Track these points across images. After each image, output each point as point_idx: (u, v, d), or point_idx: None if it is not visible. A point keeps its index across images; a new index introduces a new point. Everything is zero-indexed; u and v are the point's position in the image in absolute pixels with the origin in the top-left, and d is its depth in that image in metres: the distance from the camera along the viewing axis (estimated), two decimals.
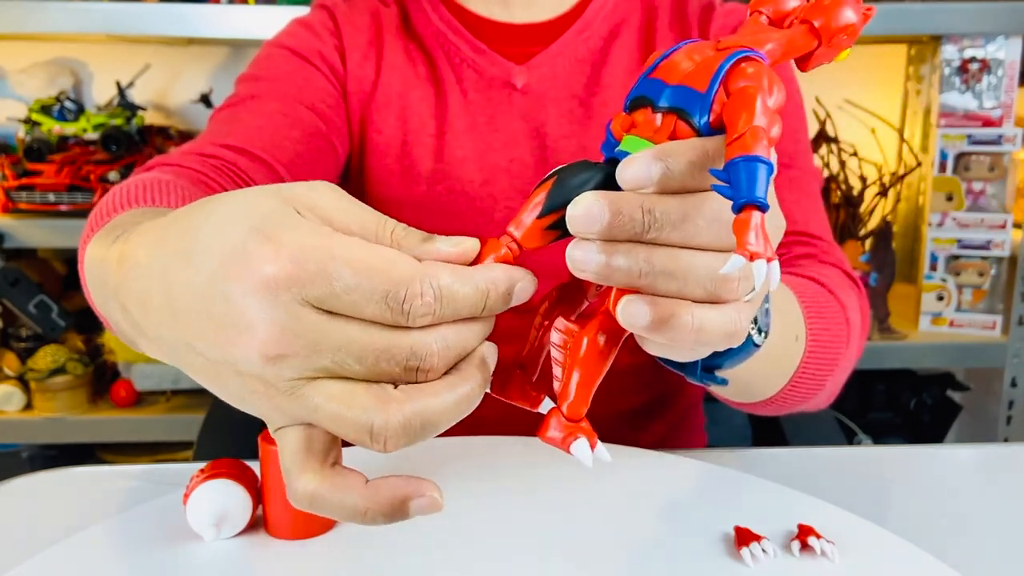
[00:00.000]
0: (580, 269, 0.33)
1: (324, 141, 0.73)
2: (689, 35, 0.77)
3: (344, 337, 0.30)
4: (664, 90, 0.35)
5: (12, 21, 1.40)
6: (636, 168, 0.33)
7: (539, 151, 0.75)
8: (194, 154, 0.66)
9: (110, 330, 0.55)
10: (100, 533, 0.49)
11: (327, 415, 0.31)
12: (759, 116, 0.31)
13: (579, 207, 0.33)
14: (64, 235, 1.47)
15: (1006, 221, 1.49)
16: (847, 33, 0.36)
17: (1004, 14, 1.43)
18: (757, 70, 0.33)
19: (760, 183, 0.30)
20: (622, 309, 0.33)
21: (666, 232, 0.33)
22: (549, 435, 0.36)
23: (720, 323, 0.34)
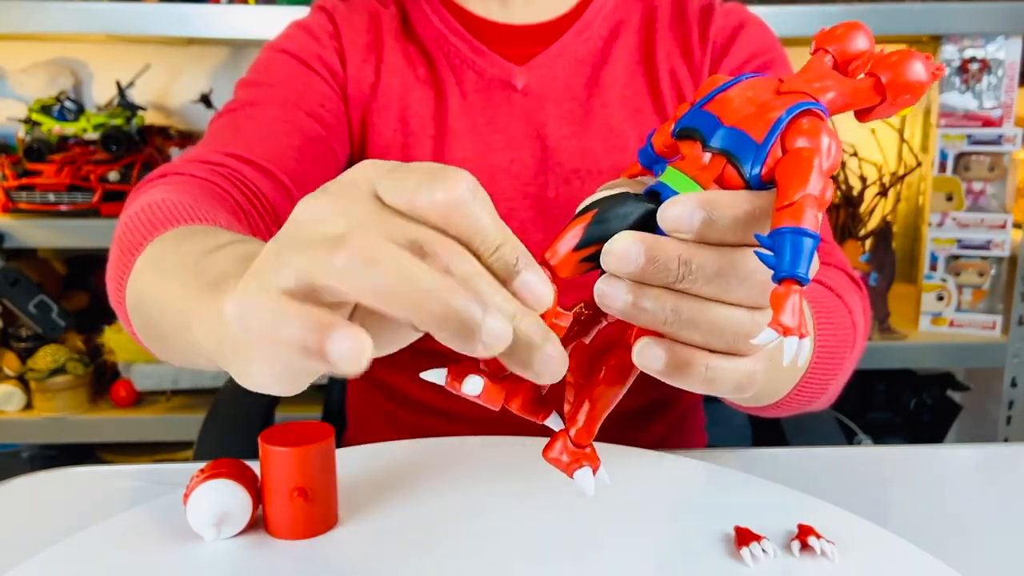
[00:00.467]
0: (607, 305, 0.34)
1: (324, 146, 0.73)
2: (689, 36, 0.76)
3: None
4: (718, 129, 0.34)
5: (12, 21, 1.40)
6: (679, 212, 0.33)
7: (539, 152, 0.75)
8: (200, 162, 0.65)
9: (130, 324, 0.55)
10: (100, 533, 0.49)
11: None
12: (813, 183, 0.31)
13: (616, 246, 0.33)
14: (64, 235, 1.47)
15: (1006, 221, 1.49)
16: (912, 92, 0.35)
17: (1004, 14, 1.43)
18: (815, 127, 0.32)
19: (804, 257, 0.30)
20: (639, 351, 0.34)
21: (699, 285, 0.33)
22: (552, 456, 0.36)
23: (733, 375, 0.34)
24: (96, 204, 1.46)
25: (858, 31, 0.36)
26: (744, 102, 0.34)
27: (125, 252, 0.55)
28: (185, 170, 0.64)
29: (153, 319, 0.50)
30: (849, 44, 0.36)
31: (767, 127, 0.32)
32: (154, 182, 0.63)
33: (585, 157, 0.74)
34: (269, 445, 0.47)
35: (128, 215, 0.57)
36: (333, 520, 0.50)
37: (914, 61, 0.35)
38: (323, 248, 0.29)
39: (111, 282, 0.57)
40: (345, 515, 0.51)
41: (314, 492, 0.47)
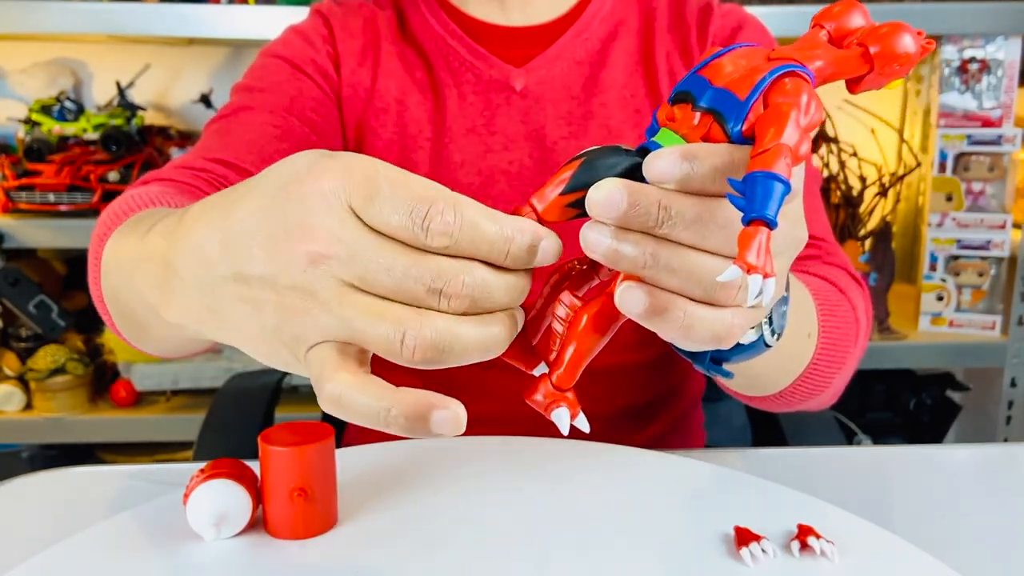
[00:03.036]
0: (591, 250, 0.35)
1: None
2: (688, 37, 0.77)
3: (377, 248, 0.33)
4: (707, 90, 0.35)
5: (12, 21, 1.40)
6: (662, 164, 0.34)
7: (538, 153, 0.75)
8: (185, 168, 0.67)
9: (112, 326, 0.56)
10: (100, 533, 0.49)
11: (361, 325, 0.33)
12: (788, 134, 0.32)
13: (600, 191, 0.34)
14: (64, 235, 1.47)
15: (1006, 221, 1.49)
16: (901, 63, 0.36)
17: (1004, 14, 1.43)
18: (797, 86, 0.34)
19: (773, 201, 0.30)
20: (619, 294, 0.35)
21: (678, 230, 0.34)
22: (535, 398, 0.37)
23: (710, 324, 0.35)
24: (96, 204, 1.46)
25: (855, 9, 0.37)
26: (735, 67, 0.35)
27: (94, 248, 0.57)
28: (168, 175, 0.66)
29: (128, 311, 0.51)
30: (845, 21, 0.37)
31: (751, 86, 0.34)
32: (140, 186, 0.64)
33: None
34: (269, 445, 0.47)
35: (105, 214, 0.59)
36: (333, 520, 0.50)
37: (903, 33, 0.36)
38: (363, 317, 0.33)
39: (90, 279, 0.59)
40: (345, 515, 0.51)
41: (314, 492, 0.48)
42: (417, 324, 0.32)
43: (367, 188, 0.33)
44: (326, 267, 0.33)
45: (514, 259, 0.34)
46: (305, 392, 1.59)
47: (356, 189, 0.33)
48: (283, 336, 0.34)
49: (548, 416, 0.37)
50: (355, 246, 0.33)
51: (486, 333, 0.34)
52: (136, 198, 0.58)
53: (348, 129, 0.77)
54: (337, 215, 0.33)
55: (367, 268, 0.33)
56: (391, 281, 0.33)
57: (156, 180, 0.65)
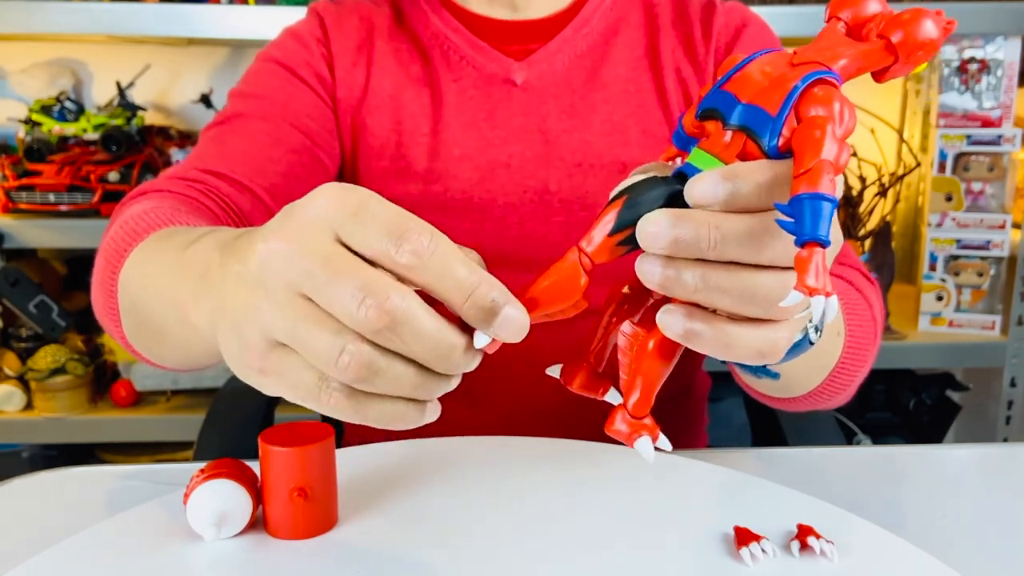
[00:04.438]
0: (647, 281, 0.35)
1: (309, 156, 0.74)
2: (692, 33, 0.77)
3: (347, 262, 0.34)
4: (736, 107, 0.35)
5: (12, 21, 1.40)
6: (704, 187, 0.34)
7: (540, 146, 0.75)
8: (177, 179, 0.67)
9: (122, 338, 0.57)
10: (100, 533, 0.49)
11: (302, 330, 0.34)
12: (827, 148, 0.32)
13: (650, 224, 0.34)
14: (64, 235, 1.47)
15: (1005, 221, 1.49)
16: (925, 49, 0.35)
17: (1004, 14, 1.43)
18: (828, 94, 0.33)
19: (823, 221, 0.31)
20: (660, 319, 0.36)
21: (731, 249, 0.34)
22: (615, 428, 0.38)
23: (752, 342, 0.36)
24: (96, 204, 1.46)
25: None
26: (760, 77, 0.35)
27: (110, 261, 0.58)
28: (163, 187, 0.66)
29: (150, 320, 0.52)
30: (861, 8, 0.37)
31: (781, 100, 0.34)
32: (135, 199, 0.66)
33: (587, 150, 0.75)
34: (269, 445, 0.47)
35: (111, 230, 0.60)
36: (333, 520, 0.50)
37: (924, 19, 0.35)
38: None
39: (99, 292, 0.59)
40: (345, 515, 0.51)
41: (314, 492, 0.48)
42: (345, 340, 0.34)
43: (356, 212, 0.34)
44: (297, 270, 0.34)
45: (473, 308, 0.34)
46: None
47: (347, 212, 0.34)
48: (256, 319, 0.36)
49: (631, 446, 0.38)
50: (328, 258, 0.34)
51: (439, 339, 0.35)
52: (147, 216, 0.59)
53: (344, 131, 0.77)
54: (323, 236, 0.34)
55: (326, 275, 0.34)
56: (347, 293, 0.33)
57: (154, 192, 0.66)
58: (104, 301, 0.59)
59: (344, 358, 0.34)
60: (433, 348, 0.34)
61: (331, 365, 0.34)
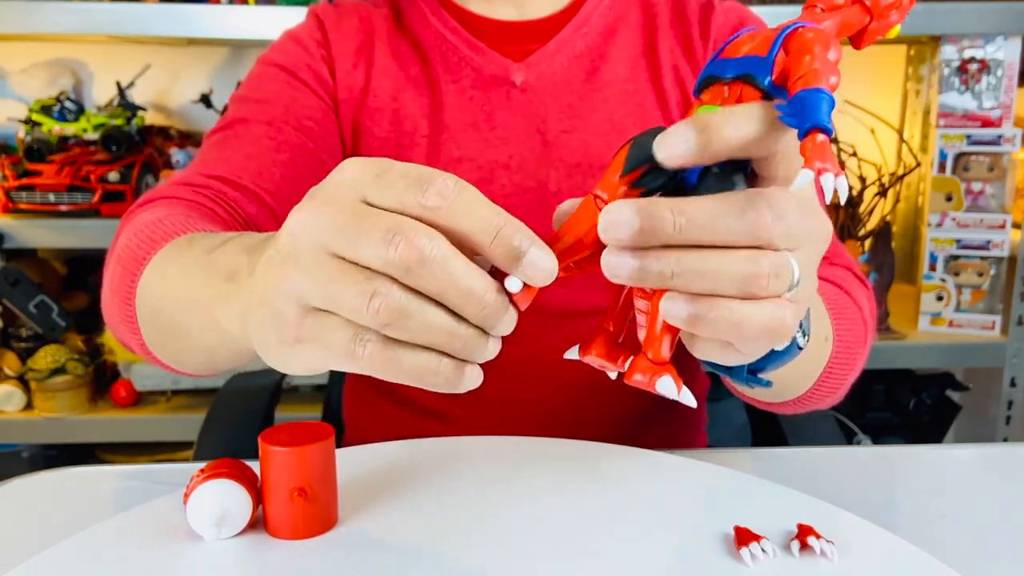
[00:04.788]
0: (614, 274, 0.35)
1: (313, 159, 0.74)
2: (690, 34, 0.77)
3: (374, 212, 0.34)
4: (728, 64, 0.37)
5: (12, 21, 1.40)
6: (672, 138, 0.35)
7: (540, 147, 0.75)
8: (184, 185, 0.67)
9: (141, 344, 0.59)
10: (100, 533, 0.49)
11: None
12: (819, 57, 0.33)
13: (610, 215, 0.34)
14: (64, 235, 1.47)
15: (1005, 221, 1.49)
16: (897, 8, 0.38)
17: (1004, 14, 1.43)
18: (816, 32, 0.35)
19: (823, 109, 0.32)
20: (663, 306, 0.35)
21: (696, 233, 0.34)
22: (635, 378, 0.38)
23: (760, 319, 0.35)
24: (96, 204, 1.46)
25: None
26: (749, 40, 0.37)
27: (128, 269, 0.57)
28: (170, 193, 0.66)
29: (173, 326, 0.52)
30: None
31: (771, 44, 0.36)
32: (144, 207, 0.65)
33: (586, 151, 0.75)
34: (269, 445, 0.47)
35: (125, 237, 0.60)
36: (333, 520, 0.50)
37: None
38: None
39: (115, 299, 0.59)
40: (345, 515, 0.51)
41: (314, 492, 0.48)
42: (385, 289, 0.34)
43: (382, 172, 0.35)
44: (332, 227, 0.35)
45: (501, 246, 0.35)
46: (305, 392, 1.60)
47: (374, 174, 0.35)
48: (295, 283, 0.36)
49: (653, 388, 0.37)
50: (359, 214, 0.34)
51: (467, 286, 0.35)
52: (162, 224, 0.59)
53: (345, 133, 0.77)
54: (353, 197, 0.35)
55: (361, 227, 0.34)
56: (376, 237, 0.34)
57: (161, 199, 0.66)
58: (120, 309, 0.58)
59: (375, 302, 0.34)
60: (465, 289, 0.34)
61: (363, 311, 0.34)
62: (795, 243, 0.36)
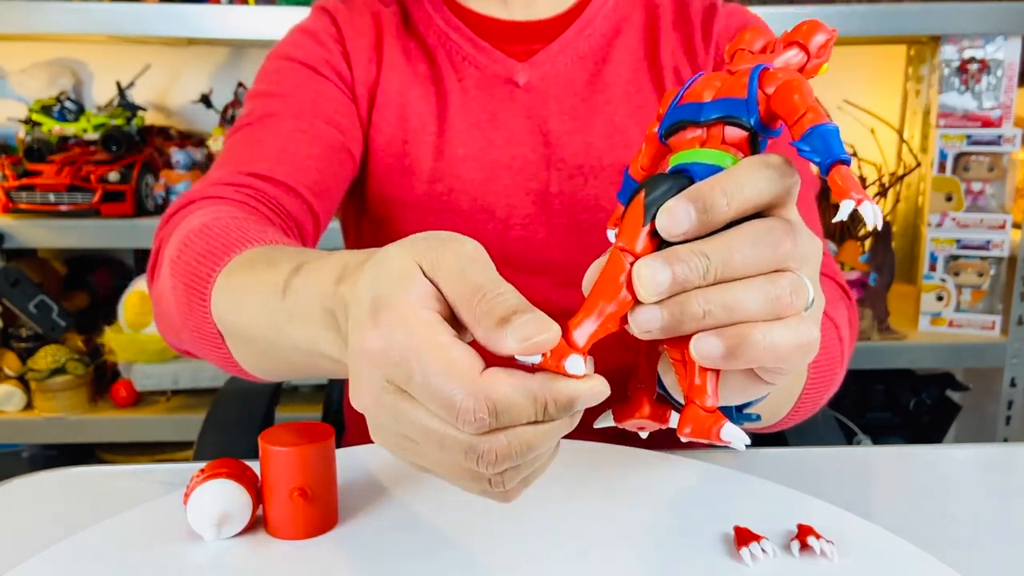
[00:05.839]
0: (646, 329, 0.35)
1: (343, 152, 0.74)
2: (692, 35, 0.77)
3: (415, 417, 0.35)
4: (703, 107, 0.38)
5: (12, 21, 1.40)
6: (676, 213, 0.35)
7: (542, 147, 0.75)
8: (224, 184, 0.66)
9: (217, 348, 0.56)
10: (100, 533, 0.49)
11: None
12: (811, 97, 0.35)
13: (644, 270, 0.35)
14: (64, 235, 1.47)
15: (1005, 221, 1.49)
16: (826, 48, 0.40)
17: (1004, 14, 1.43)
18: (786, 70, 0.38)
19: (837, 142, 0.34)
20: (695, 348, 0.35)
21: (720, 271, 0.35)
22: (687, 430, 0.37)
23: (791, 337, 0.36)
24: (96, 204, 1.46)
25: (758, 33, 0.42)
26: (712, 83, 0.39)
27: (195, 288, 0.54)
28: (213, 193, 0.65)
29: (269, 354, 0.50)
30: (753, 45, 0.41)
31: (744, 87, 0.37)
32: (187, 208, 0.64)
33: (588, 153, 0.75)
34: (269, 445, 0.47)
35: (178, 247, 0.57)
36: (333, 520, 0.50)
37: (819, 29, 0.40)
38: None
39: (187, 320, 0.56)
40: (345, 515, 0.51)
41: (314, 492, 0.48)
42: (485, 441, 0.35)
43: (402, 370, 0.34)
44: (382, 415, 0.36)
45: (552, 417, 0.35)
46: (305, 392, 1.60)
47: (393, 370, 0.34)
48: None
49: (718, 439, 0.37)
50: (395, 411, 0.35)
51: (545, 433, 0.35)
52: (215, 230, 0.56)
53: (363, 126, 0.77)
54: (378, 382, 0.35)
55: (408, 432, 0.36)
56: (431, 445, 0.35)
57: (204, 199, 0.64)
58: (194, 327, 0.56)
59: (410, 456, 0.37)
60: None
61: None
62: (803, 263, 0.37)
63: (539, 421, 0.34)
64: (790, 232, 0.36)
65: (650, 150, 0.42)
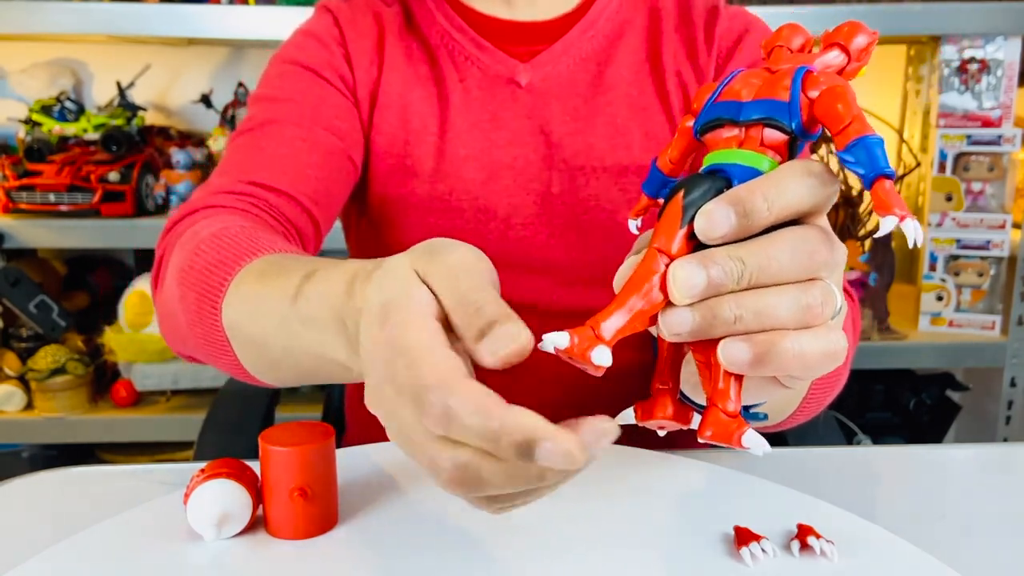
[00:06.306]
0: (676, 331, 0.35)
1: (343, 158, 0.74)
2: (695, 38, 0.77)
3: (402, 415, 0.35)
4: (743, 107, 0.38)
5: (12, 21, 1.40)
6: (716, 216, 0.35)
7: (543, 148, 0.75)
8: (226, 193, 0.67)
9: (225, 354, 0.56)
10: (100, 533, 0.49)
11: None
12: (855, 106, 0.35)
13: (678, 276, 0.34)
14: (64, 235, 1.47)
15: (1005, 221, 1.49)
16: (867, 53, 0.40)
17: (1004, 14, 1.43)
18: (828, 75, 0.37)
19: (882, 156, 0.34)
20: (722, 353, 0.35)
21: (756, 277, 0.35)
22: (708, 434, 0.37)
23: (820, 346, 0.36)
24: (96, 204, 1.46)
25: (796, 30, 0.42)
26: (753, 81, 0.38)
27: (204, 295, 0.55)
28: (215, 202, 0.65)
29: (279, 359, 0.51)
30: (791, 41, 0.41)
31: (787, 90, 0.37)
32: (191, 217, 0.64)
33: (590, 153, 0.75)
34: (269, 445, 0.47)
35: (186, 255, 0.58)
36: (333, 520, 0.50)
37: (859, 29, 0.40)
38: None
39: (194, 327, 0.57)
40: (345, 515, 0.51)
41: (314, 492, 0.48)
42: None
43: (392, 372, 0.34)
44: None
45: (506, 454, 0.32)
46: (305, 392, 1.60)
47: (390, 375, 0.34)
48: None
49: (739, 445, 0.37)
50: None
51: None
52: (224, 239, 0.57)
53: (364, 128, 0.77)
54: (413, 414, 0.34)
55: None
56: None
57: (207, 208, 0.65)
58: (203, 334, 0.56)
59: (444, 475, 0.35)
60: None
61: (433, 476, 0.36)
62: (831, 271, 0.37)
63: (492, 453, 0.32)
64: (826, 242, 0.36)
65: (681, 143, 0.42)
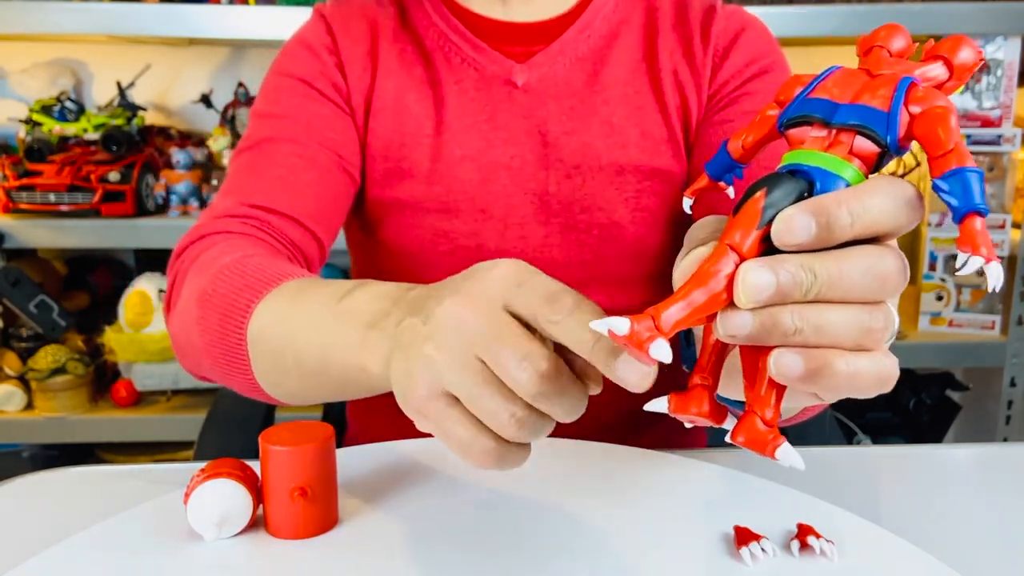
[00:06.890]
0: (731, 335, 0.35)
1: (341, 172, 0.74)
2: (691, 37, 0.77)
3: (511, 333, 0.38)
4: (838, 108, 0.36)
5: (12, 21, 1.40)
6: (797, 223, 0.34)
7: (540, 148, 0.75)
8: (230, 217, 0.68)
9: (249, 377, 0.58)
10: (100, 533, 0.49)
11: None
12: (957, 132, 0.34)
13: (749, 276, 0.34)
14: (64, 235, 1.47)
15: (1005, 221, 1.49)
16: (970, 72, 0.38)
17: (1004, 14, 1.43)
18: (934, 93, 0.35)
19: (977, 191, 0.33)
20: (774, 362, 0.34)
21: (824, 291, 0.34)
22: (741, 439, 0.37)
23: (875, 370, 0.35)
24: (96, 204, 1.47)
25: (897, 31, 0.40)
26: (851, 82, 0.37)
27: (229, 316, 0.57)
28: (221, 228, 0.67)
29: (302, 367, 0.52)
30: (890, 42, 0.40)
31: (886, 99, 0.35)
32: (201, 242, 0.66)
33: (586, 153, 0.75)
34: (269, 445, 0.47)
35: (208, 280, 0.60)
36: (333, 520, 0.50)
37: (964, 43, 0.38)
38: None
39: (213, 347, 0.59)
40: (345, 515, 0.51)
41: (314, 492, 0.48)
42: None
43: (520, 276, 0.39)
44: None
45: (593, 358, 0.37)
46: None
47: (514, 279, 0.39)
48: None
49: (772, 456, 0.37)
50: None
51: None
52: (247, 265, 0.59)
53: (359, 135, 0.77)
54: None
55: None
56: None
57: (214, 234, 0.66)
58: (225, 353, 0.58)
59: (512, 421, 0.38)
60: (572, 406, 0.39)
61: (495, 421, 0.38)
62: (897, 296, 0.36)
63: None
64: (902, 270, 0.35)
65: (759, 132, 0.40)
